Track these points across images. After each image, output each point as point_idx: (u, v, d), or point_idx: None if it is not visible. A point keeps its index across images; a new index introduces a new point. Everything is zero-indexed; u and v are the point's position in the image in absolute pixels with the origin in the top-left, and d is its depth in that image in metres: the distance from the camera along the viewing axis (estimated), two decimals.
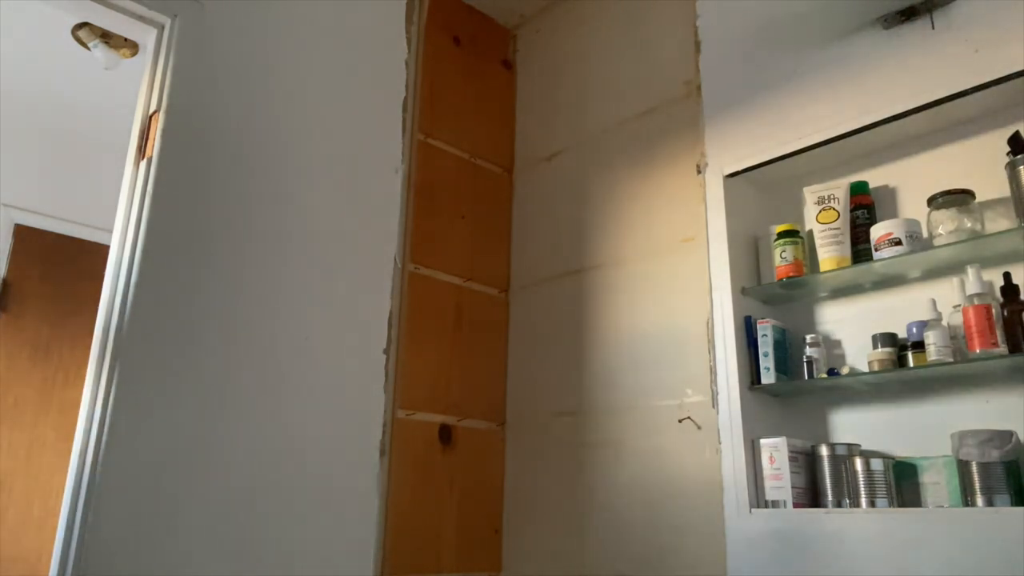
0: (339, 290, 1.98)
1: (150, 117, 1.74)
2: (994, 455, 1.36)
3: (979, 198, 1.53)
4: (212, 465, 1.66)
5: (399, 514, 1.97)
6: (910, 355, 1.54)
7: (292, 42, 2.03)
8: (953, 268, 1.55)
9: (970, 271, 1.47)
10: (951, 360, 1.46)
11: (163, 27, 1.80)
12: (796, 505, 1.58)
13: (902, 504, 1.49)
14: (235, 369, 1.75)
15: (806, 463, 1.64)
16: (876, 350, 1.59)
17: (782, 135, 1.78)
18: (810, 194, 1.74)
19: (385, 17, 2.29)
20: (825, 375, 1.67)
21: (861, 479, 1.51)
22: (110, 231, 1.70)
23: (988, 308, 1.42)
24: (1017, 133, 1.46)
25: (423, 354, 2.14)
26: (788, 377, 1.73)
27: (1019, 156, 1.44)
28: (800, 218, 1.83)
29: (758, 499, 1.64)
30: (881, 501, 1.49)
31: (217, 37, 1.87)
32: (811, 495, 1.62)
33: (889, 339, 1.59)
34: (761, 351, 1.73)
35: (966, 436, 1.40)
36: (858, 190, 1.71)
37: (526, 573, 2.09)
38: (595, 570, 1.91)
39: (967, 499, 1.39)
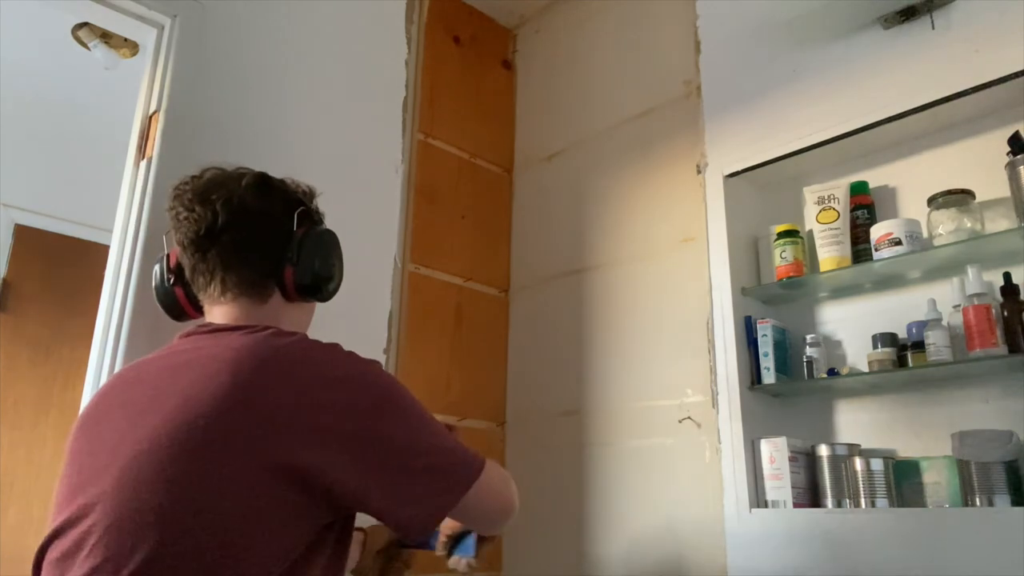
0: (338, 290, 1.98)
1: (150, 117, 1.74)
2: (994, 455, 1.36)
3: (979, 198, 1.53)
4: None
5: None
6: (910, 355, 1.54)
7: (292, 42, 2.03)
8: (953, 268, 1.55)
9: (970, 271, 1.47)
10: (951, 360, 1.46)
11: (163, 27, 1.80)
12: (796, 505, 1.58)
13: (902, 504, 1.49)
14: None
15: (806, 463, 1.64)
16: (876, 350, 1.59)
17: (782, 135, 1.78)
18: (810, 194, 1.74)
19: (385, 17, 2.29)
20: (825, 375, 1.67)
21: (861, 479, 1.51)
22: (110, 231, 1.69)
23: (988, 308, 1.42)
24: (1017, 133, 1.45)
25: (423, 354, 2.14)
26: (788, 377, 1.73)
27: (1019, 156, 1.44)
28: (800, 218, 1.83)
29: (758, 499, 1.64)
30: (881, 501, 1.49)
31: (217, 37, 1.86)
32: (811, 495, 1.62)
33: (889, 339, 1.59)
34: (761, 351, 1.73)
35: (966, 436, 1.40)
36: (858, 190, 1.71)
37: (526, 573, 2.09)
38: (595, 570, 1.91)
39: (967, 499, 1.39)
